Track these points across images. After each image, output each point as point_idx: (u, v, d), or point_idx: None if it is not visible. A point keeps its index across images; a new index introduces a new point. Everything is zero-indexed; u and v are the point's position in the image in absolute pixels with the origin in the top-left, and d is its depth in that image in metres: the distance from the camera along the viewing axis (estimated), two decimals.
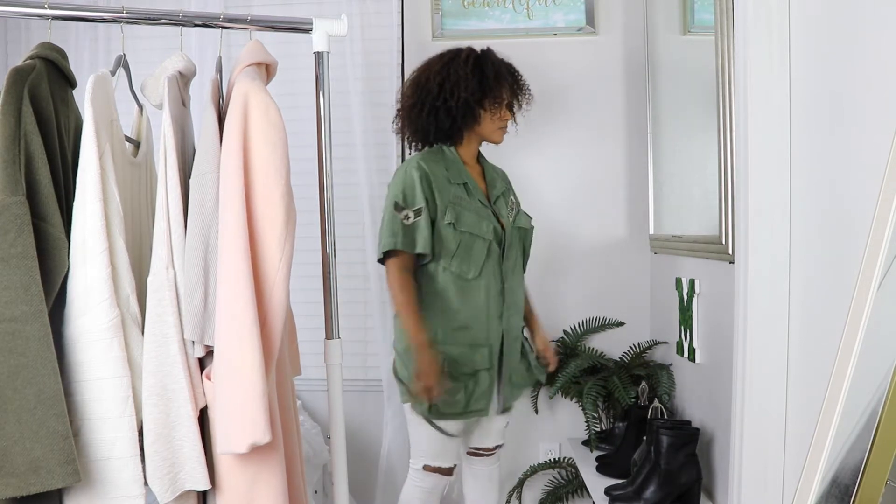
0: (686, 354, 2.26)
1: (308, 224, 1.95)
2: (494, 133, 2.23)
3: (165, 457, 1.35)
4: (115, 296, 1.33)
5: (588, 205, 2.85)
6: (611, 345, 2.80)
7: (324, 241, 1.70)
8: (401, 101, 2.32)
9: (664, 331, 2.60)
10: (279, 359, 1.45)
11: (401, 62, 2.80)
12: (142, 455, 1.34)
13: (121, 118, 1.47)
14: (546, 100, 2.79)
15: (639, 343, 2.71)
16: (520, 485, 2.83)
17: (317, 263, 1.75)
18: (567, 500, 2.80)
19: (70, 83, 1.42)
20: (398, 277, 2.12)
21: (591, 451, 2.49)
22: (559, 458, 2.84)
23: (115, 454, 1.32)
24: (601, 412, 2.57)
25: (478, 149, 2.31)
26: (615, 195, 2.84)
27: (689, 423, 2.12)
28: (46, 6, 1.44)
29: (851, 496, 0.94)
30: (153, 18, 1.56)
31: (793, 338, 1.57)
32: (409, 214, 2.10)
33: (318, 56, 1.66)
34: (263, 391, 1.32)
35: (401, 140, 2.64)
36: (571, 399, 2.71)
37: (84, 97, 1.34)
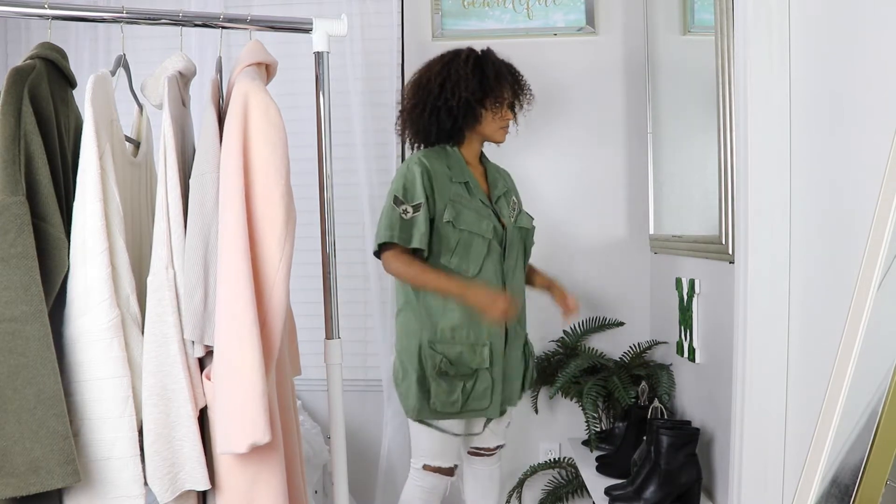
0: (686, 354, 2.26)
1: (308, 224, 1.95)
2: (496, 132, 2.24)
3: (165, 457, 1.35)
4: (115, 296, 1.33)
5: (588, 205, 2.85)
6: (611, 345, 2.80)
7: (324, 241, 1.70)
8: (402, 103, 2.32)
9: (664, 331, 2.60)
10: (279, 359, 1.45)
11: (401, 62, 2.80)
12: (142, 455, 1.34)
13: (121, 118, 1.47)
14: (546, 100, 2.79)
15: (639, 343, 2.71)
16: (520, 485, 2.83)
17: (317, 263, 1.76)
18: (567, 500, 2.80)
19: (70, 83, 1.42)
20: (399, 260, 2.12)
21: (591, 451, 2.49)
22: (559, 458, 2.84)
23: (115, 454, 1.32)
24: (601, 412, 2.57)
25: (480, 149, 2.32)
26: (615, 195, 2.84)
27: (689, 423, 2.12)
28: (46, 6, 1.44)
29: (851, 496, 0.94)
30: (153, 18, 1.56)
31: (793, 338, 1.57)
32: (408, 209, 2.11)
33: (318, 56, 1.66)
34: (263, 391, 1.32)
35: (401, 141, 2.66)
36: (571, 399, 2.71)
37: (84, 97, 1.34)
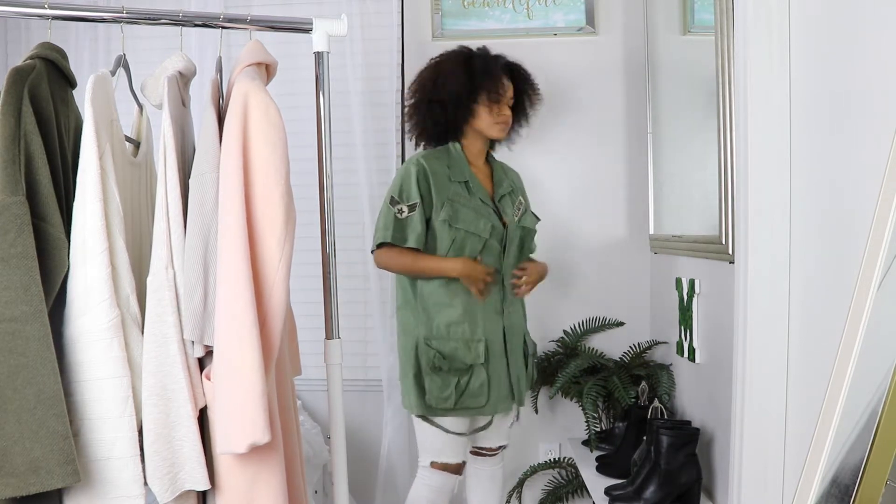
0: (686, 354, 2.26)
1: (308, 224, 1.95)
2: (491, 128, 2.25)
3: (165, 457, 1.35)
4: (115, 296, 1.33)
5: (588, 205, 2.85)
6: (611, 345, 2.80)
7: (324, 241, 1.70)
8: (402, 103, 2.35)
9: (664, 331, 2.60)
10: (279, 359, 1.45)
11: (401, 62, 2.80)
12: (142, 455, 1.34)
13: (121, 118, 1.47)
14: (546, 100, 2.78)
15: (639, 343, 2.71)
16: (520, 485, 2.83)
17: (317, 263, 1.76)
18: (567, 500, 2.80)
19: (70, 83, 1.42)
20: (388, 253, 2.19)
21: (591, 451, 2.49)
22: (559, 458, 2.84)
23: (115, 454, 1.32)
24: (601, 412, 2.57)
25: (484, 147, 2.32)
26: (615, 195, 2.84)
27: (689, 423, 2.12)
28: (46, 6, 1.44)
29: (851, 496, 0.94)
30: (153, 18, 1.56)
31: (793, 338, 1.57)
32: (403, 209, 2.16)
33: (318, 56, 1.66)
34: (263, 391, 1.32)
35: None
36: (571, 399, 2.71)
37: (84, 97, 1.34)
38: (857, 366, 1.00)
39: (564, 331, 2.82)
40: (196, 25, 1.58)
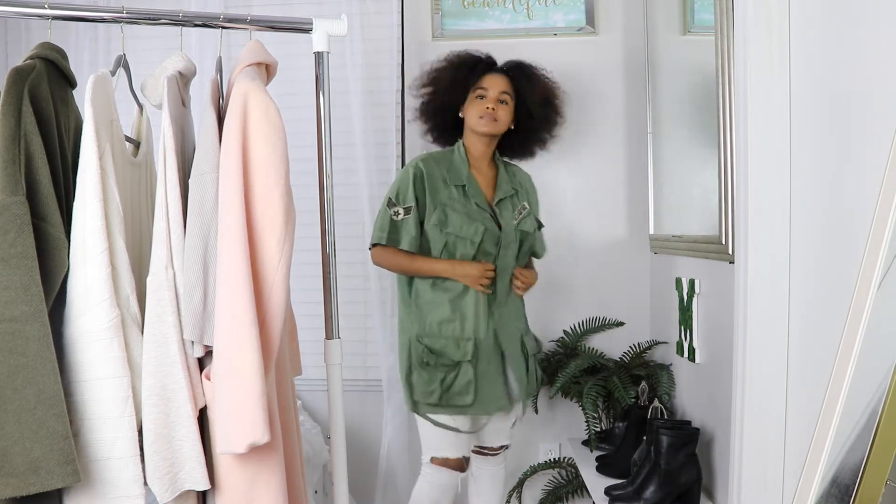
0: (686, 354, 2.26)
1: (308, 224, 1.95)
2: (475, 122, 2.27)
3: (165, 457, 1.35)
4: (115, 296, 1.33)
5: (588, 205, 2.85)
6: (611, 345, 2.80)
7: (324, 241, 1.70)
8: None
9: (664, 331, 2.59)
10: (279, 359, 1.45)
11: (401, 62, 2.80)
12: (141, 455, 1.34)
13: (121, 118, 1.47)
14: None
15: (639, 343, 2.70)
16: (520, 485, 2.83)
17: (317, 263, 1.75)
18: (567, 500, 2.80)
19: (70, 83, 1.42)
20: (385, 253, 2.23)
21: (591, 451, 2.49)
22: (559, 458, 2.83)
23: (115, 454, 1.32)
24: (601, 412, 2.57)
25: (488, 150, 2.33)
26: (615, 195, 2.84)
27: (689, 423, 2.12)
28: (46, 6, 1.44)
29: (851, 496, 0.94)
30: (153, 18, 1.56)
31: (793, 338, 1.57)
32: (399, 211, 2.20)
33: (318, 56, 1.66)
34: (262, 391, 1.32)
35: (402, 142, 2.73)
36: (571, 399, 2.71)
37: (84, 97, 1.34)
38: (857, 366, 1.00)
39: (564, 331, 2.82)
40: (196, 25, 1.58)
